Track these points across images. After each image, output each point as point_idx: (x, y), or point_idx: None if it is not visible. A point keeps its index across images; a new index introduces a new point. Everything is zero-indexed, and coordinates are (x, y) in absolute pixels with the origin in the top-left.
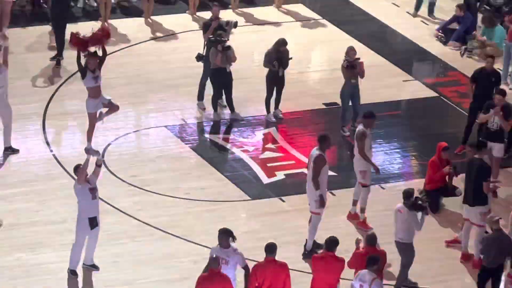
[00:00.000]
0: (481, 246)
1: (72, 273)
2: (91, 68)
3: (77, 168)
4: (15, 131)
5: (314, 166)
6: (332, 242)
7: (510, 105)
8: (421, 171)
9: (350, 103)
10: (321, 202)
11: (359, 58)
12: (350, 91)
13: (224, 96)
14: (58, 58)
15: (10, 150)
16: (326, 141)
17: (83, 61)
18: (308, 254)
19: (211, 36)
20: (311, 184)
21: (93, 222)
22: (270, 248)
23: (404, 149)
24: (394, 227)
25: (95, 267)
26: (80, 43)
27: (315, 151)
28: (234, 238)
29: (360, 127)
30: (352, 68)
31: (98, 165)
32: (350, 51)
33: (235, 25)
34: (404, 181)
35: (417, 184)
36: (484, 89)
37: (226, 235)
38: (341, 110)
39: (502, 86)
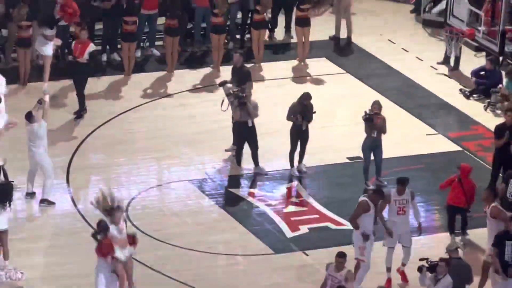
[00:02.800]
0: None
1: None
2: (117, 223)
3: (99, 224)
4: (39, 184)
5: (356, 209)
6: None
7: None
8: (444, 225)
9: (372, 157)
10: (364, 236)
11: (378, 113)
12: (371, 144)
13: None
14: (81, 113)
15: (45, 202)
16: (378, 195)
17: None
18: None
19: (235, 90)
20: (356, 232)
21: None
22: None
23: (427, 203)
24: None
25: None
26: None
27: (361, 197)
28: None
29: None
30: (368, 120)
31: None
32: (373, 104)
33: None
34: (428, 235)
35: (441, 238)
36: (504, 144)
37: None
38: (363, 164)
39: None
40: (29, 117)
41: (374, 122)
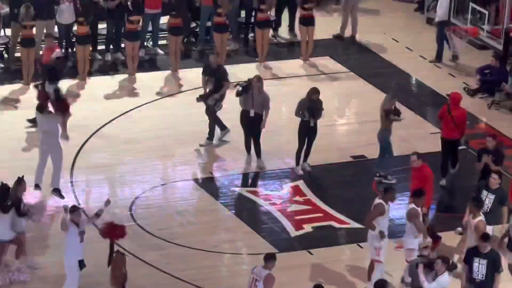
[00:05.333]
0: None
1: None
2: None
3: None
4: (45, 184)
5: (371, 211)
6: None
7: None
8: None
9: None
10: (381, 234)
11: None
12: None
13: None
14: None
15: (57, 192)
16: (390, 193)
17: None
18: None
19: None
20: (371, 233)
21: (82, 264)
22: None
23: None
24: None
25: None
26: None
27: (377, 199)
28: None
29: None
30: (397, 115)
31: (97, 215)
32: (391, 100)
33: None
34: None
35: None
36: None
37: None
38: (388, 157)
39: None
40: (41, 108)
41: (400, 115)
